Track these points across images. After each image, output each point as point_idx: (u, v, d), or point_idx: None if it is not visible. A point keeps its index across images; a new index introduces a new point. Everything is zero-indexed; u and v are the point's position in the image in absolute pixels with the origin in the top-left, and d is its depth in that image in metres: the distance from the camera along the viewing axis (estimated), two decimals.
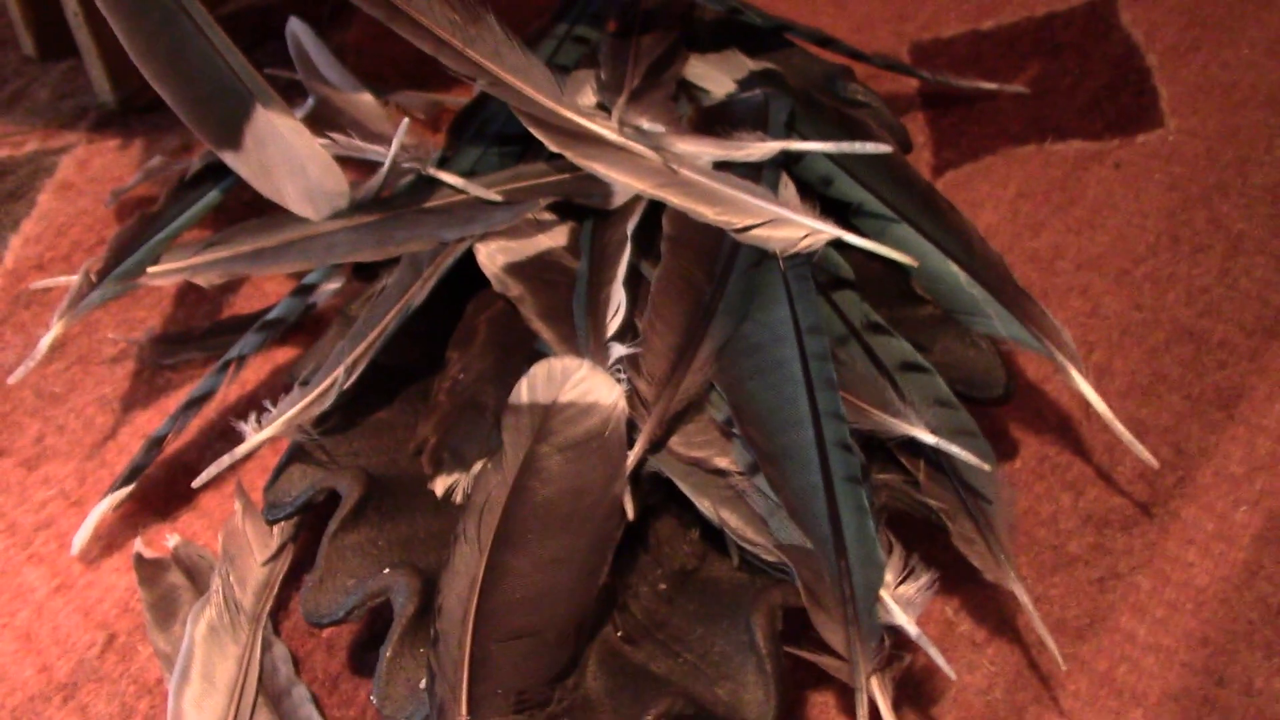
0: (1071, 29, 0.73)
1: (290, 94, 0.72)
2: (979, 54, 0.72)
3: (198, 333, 0.57)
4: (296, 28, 0.64)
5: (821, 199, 0.53)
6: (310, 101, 0.63)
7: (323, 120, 0.65)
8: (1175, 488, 0.48)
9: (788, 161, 0.52)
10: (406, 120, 0.51)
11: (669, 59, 0.61)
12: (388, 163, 0.51)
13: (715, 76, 0.60)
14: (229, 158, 0.52)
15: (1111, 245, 0.58)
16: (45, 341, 0.49)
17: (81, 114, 0.72)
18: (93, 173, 0.67)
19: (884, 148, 0.49)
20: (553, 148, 0.52)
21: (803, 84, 0.60)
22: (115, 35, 0.52)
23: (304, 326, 0.54)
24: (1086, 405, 0.46)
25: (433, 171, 0.53)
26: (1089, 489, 0.48)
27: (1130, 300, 0.56)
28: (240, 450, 0.43)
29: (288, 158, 0.52)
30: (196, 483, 0.44)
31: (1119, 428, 0.45)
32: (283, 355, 0.56)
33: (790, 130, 0.55)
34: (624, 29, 0.63)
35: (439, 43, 0.53)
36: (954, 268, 0.49)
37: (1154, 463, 0.46)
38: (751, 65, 0.61)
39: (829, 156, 0.52)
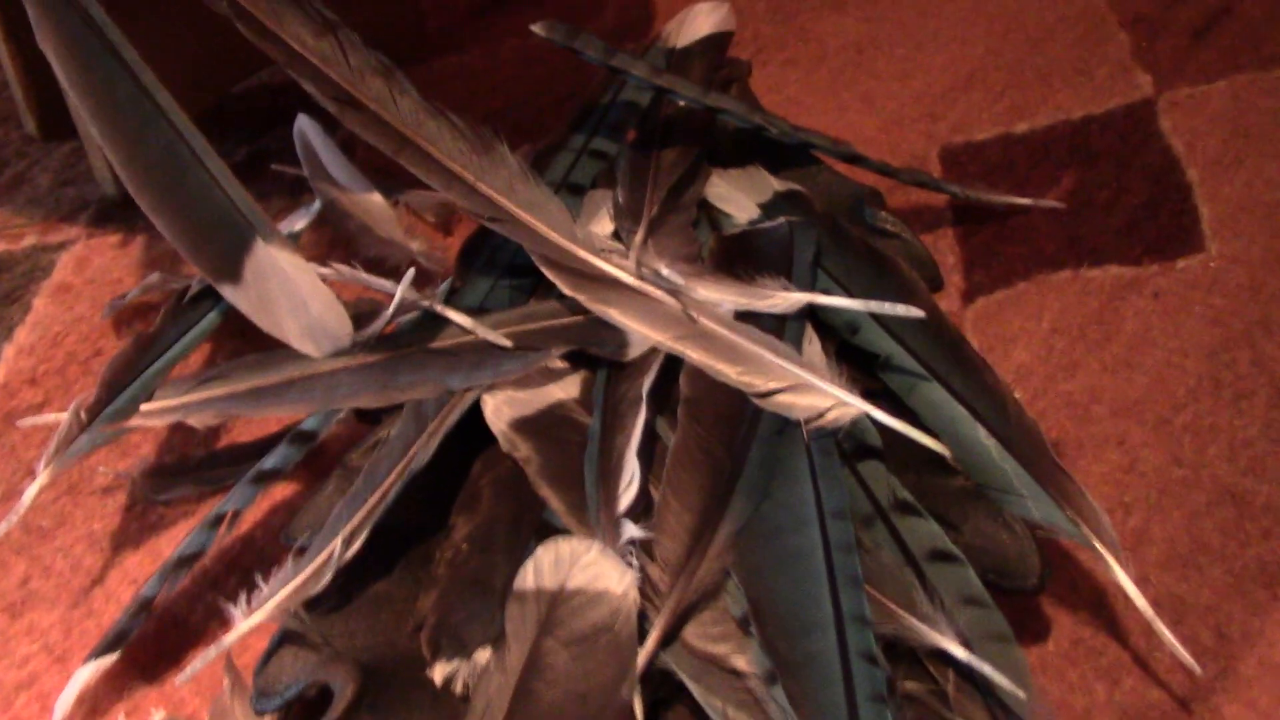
0: (1108, 134, 0.70)
1: (296, 191, 0.70)
2: (1011, 160, 0.69)
3: (193, 463, 0.55)
4: (304, 125, 0.62)
5: (846, 345, 0.51)
6: (317, 203, 0.61)
7: (330, 221, 0.63)
8: (1217, 680, 0.45)
9: (814, 307, 0.49)
10: (411, 271, 0.48)
11: (690, 177, 0.58)
12: (393, 307, 0.49)
13: (738, 199, 0.58)
14: (227, 291, 0.50)
15: (1150, 388, 0.56)
16: (30, 492, 0.47)
17: (82, 205, 0.70)
18: (91, 273, 0.65)
19: (916, 312, 0.46)
20: (567, 291, 0.50)
21: (829, 207, 0.58)
22: None
23: (303, 461, 0.51)
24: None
25: (440, 309, 0.51)
26: (1125, 678, 0.46)
27: (1169, 454, 0.53)
28: (227, 640, 0.41)
29: (289, 293, 0.49)
30: (180, 680, 0.42)
31: (1160, 628, 0.43)
32: (279, 492, 0.53)
33: (816, 266, 0.52)
34: (644, 140, 0.60)
35: (449, 177, 0.51)
36: (986, 438, 0.46)
37: (1197, 669, 0.43)
38: (776, 185, 0.59)
39: None
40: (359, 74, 0.51)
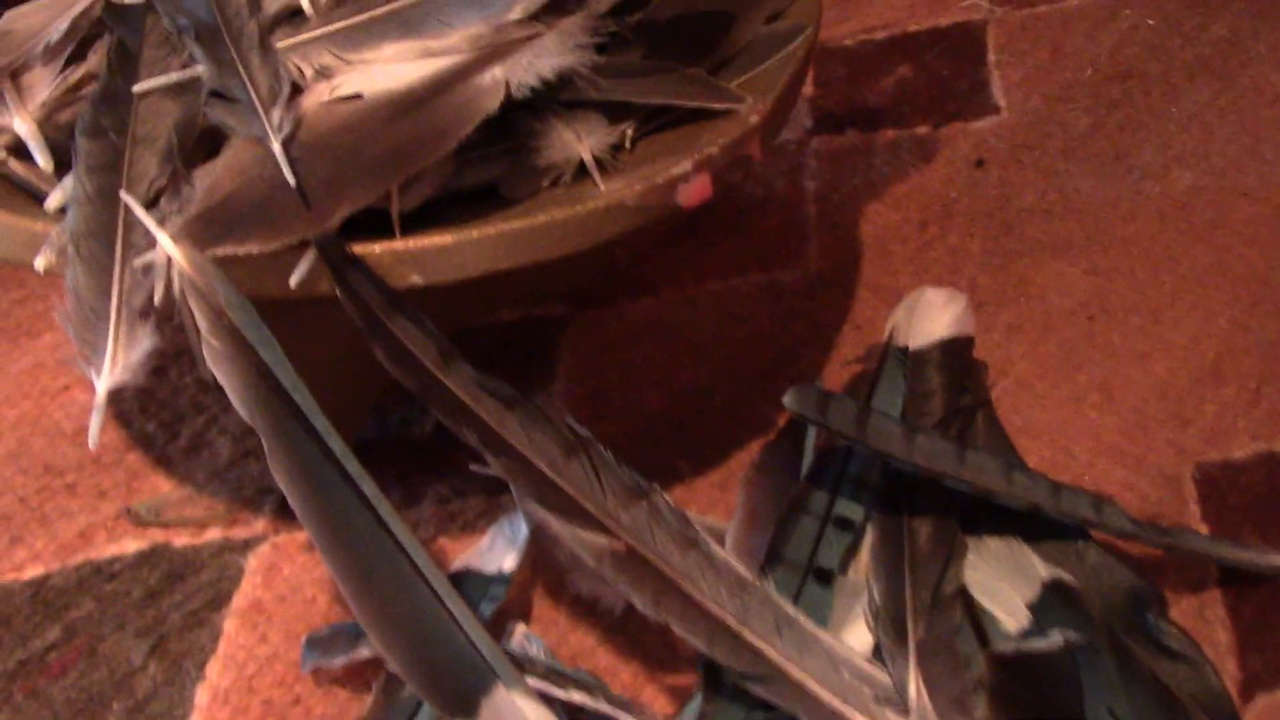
0: None
1: (492, 488, 0.65)
2: (1278, 487, 0.63)
3: None
4: None
5: None
6: (524, 530, 0.56)
7: (537, 546, 0.59)
8: None
9: None
10: None
11: (947, 556, 0.53)
12: None
13: (1001, 593, 0.53)
14: None
15: None
16: None
17: (266, 489, 0.66)
18: (281, 587, 0.61)
19: None
20: None
21: (1104, 607, 0.52)
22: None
23: None
24: None
25: None
26: None
27: None
28: None
29: None
30: None
31: None
32: None
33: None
34: (892, 498, 0.55)
35: (712, 627, 0.46)
36: None
37: None
38: (1042, 571, 0.53)
39: None
40: (616, 500, 0.46)
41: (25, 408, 0.71)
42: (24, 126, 0.49)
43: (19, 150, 0.51)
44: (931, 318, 0.64)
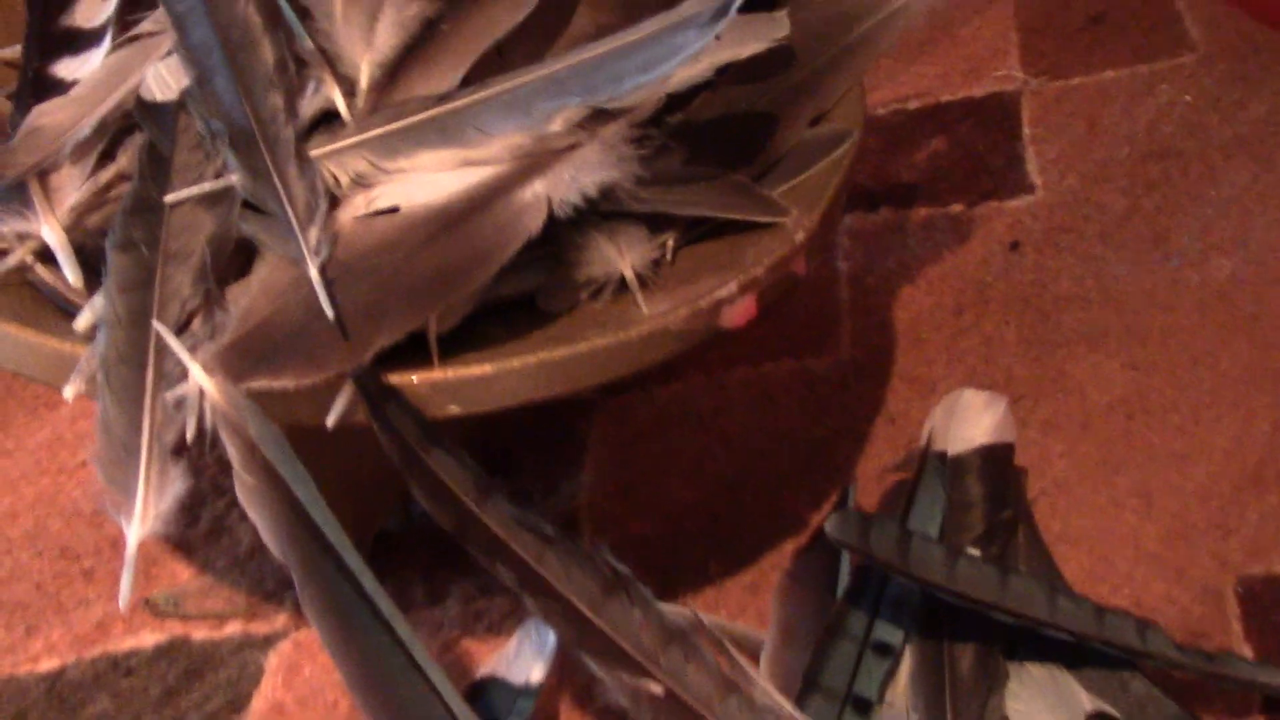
0: None
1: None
2: None
3: None
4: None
5: None
6: (552, 638, 0.55)
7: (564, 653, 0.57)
8: None
9: None
10: None
11: (990, 687, 0.52)
12: None
13: None
14: None
15: None
16: None
17: (287, 581, 0.64)
18: (302, 689, 0.60)
19: None
20: None
21: None
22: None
23: None
24: None
25: None
26: None
27: None
28: None
29: None
30: None
31: None
32: None
33: None
34: (932, 622, 0.54)
35: None
36: None
37: None
38: (1085, 703, 0.52)
39: None
40: (655, 640, 0.45)
41: (43, 485, 0.70)
42: (53, 235, 0.48)
43: (47, 255, 0.50)
44: (971, 422, 0.62)
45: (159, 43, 0.55)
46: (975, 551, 0.56)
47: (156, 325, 0.42)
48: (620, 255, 0.50)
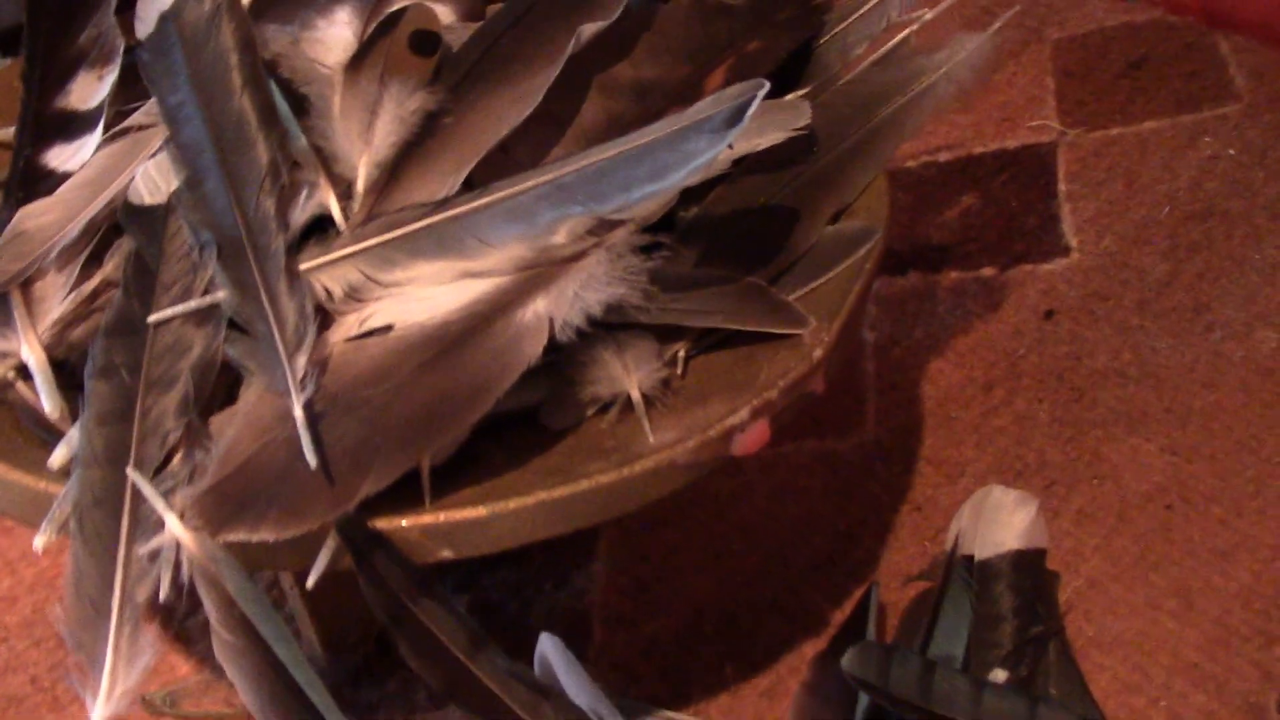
0: None
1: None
2: None
3: None
4: (548, 648, 0.53)
5: None
6: None
7: None
8: None
9: None
10: None
11: None
12: None
13: None
14: None
15: None
16: None
17: None
18: None
19: None
20: None
21: None
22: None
23: None
24: None
25: None
26: None
27: None
28: None
29: None
30: None
31: None
32: None
33: None
34: None
35: None
36: None
37: None
38: None
39: None
40: None
41: (43, 565, 0.68)
42: (33, 357, 0.46)
43: (28, 371, 0.48)
44: (1000, 524, 0.59)
45: (150, 137, 0.53)
46: (1003, 674, 0.53)
47: (132, 475, 0.40)
48: (627, 373, 0.48)
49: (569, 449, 0.46)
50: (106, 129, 0.56)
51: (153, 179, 0.51)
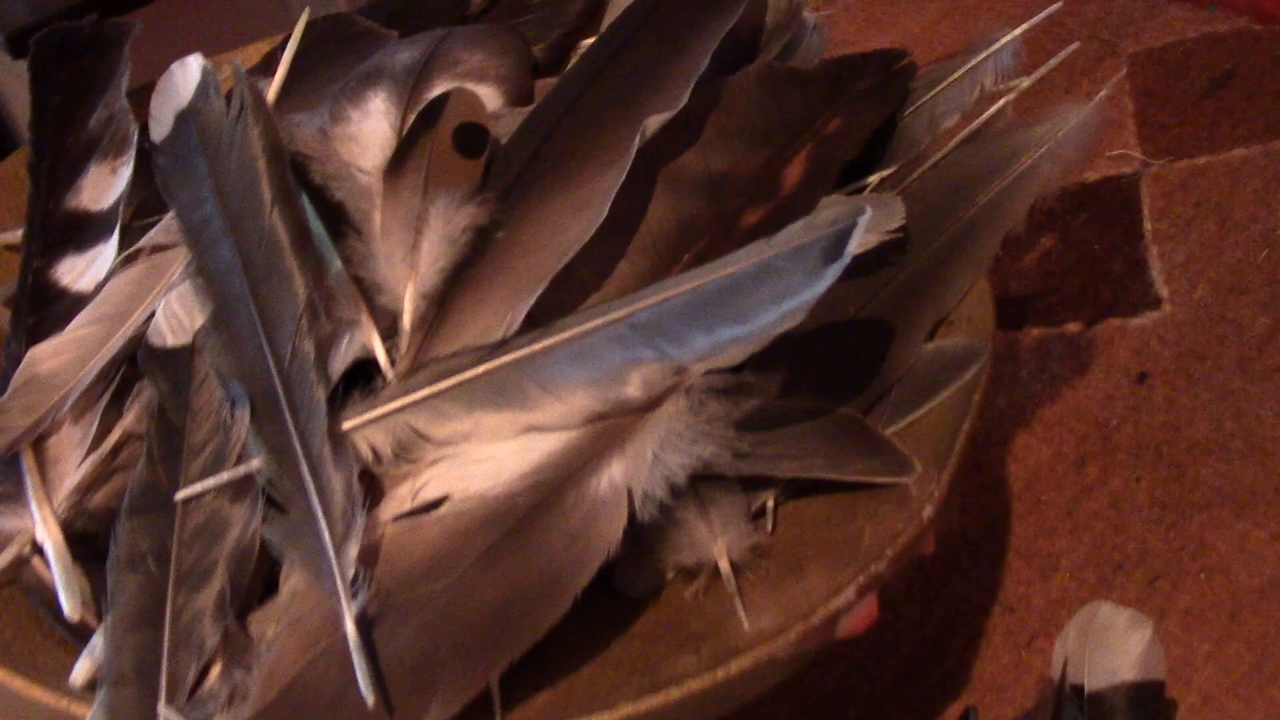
0: None
1: None
2: None
3: None
4: None
5: None
6: None
7: None
8: None
9: None
10: None
11: None
12: None
13: None
14: None
15: None
16: None
17: None
18: None
19: None
20: None
21: None
22: None
23: None
24: None
25: None
26: None
27: None
28: None
29: None
30: None
31: None
32: None
33: None
34: None
35: None
36: None
37: None
38: None
39: None
40: None
41: None
42: (49, 541, 0.41)
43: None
44: (1112, 649, 0.54)
45: (170, 261, 0.48)
46: None
47: (164, 713, 0.35)
48: (713, 536, 0.42)
49: (651, 632, 0.41)
50: (122, 234, 0.50)
51: (175, 315, 0.45)
